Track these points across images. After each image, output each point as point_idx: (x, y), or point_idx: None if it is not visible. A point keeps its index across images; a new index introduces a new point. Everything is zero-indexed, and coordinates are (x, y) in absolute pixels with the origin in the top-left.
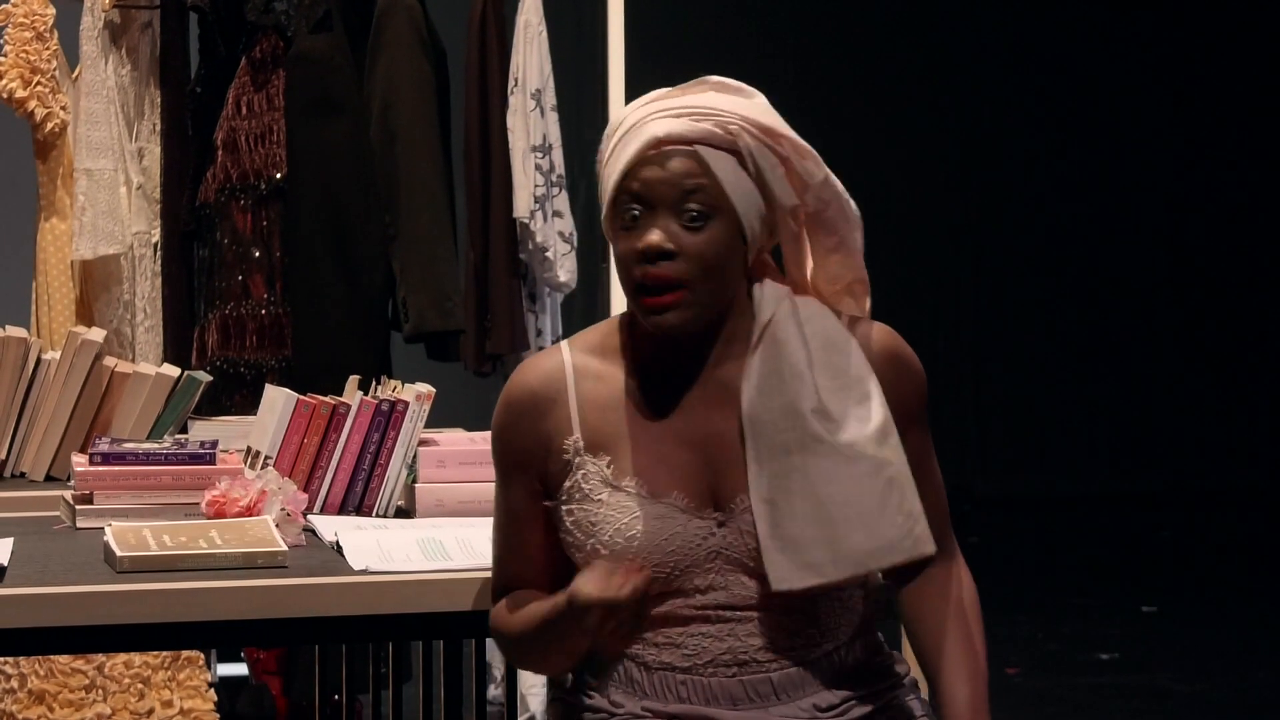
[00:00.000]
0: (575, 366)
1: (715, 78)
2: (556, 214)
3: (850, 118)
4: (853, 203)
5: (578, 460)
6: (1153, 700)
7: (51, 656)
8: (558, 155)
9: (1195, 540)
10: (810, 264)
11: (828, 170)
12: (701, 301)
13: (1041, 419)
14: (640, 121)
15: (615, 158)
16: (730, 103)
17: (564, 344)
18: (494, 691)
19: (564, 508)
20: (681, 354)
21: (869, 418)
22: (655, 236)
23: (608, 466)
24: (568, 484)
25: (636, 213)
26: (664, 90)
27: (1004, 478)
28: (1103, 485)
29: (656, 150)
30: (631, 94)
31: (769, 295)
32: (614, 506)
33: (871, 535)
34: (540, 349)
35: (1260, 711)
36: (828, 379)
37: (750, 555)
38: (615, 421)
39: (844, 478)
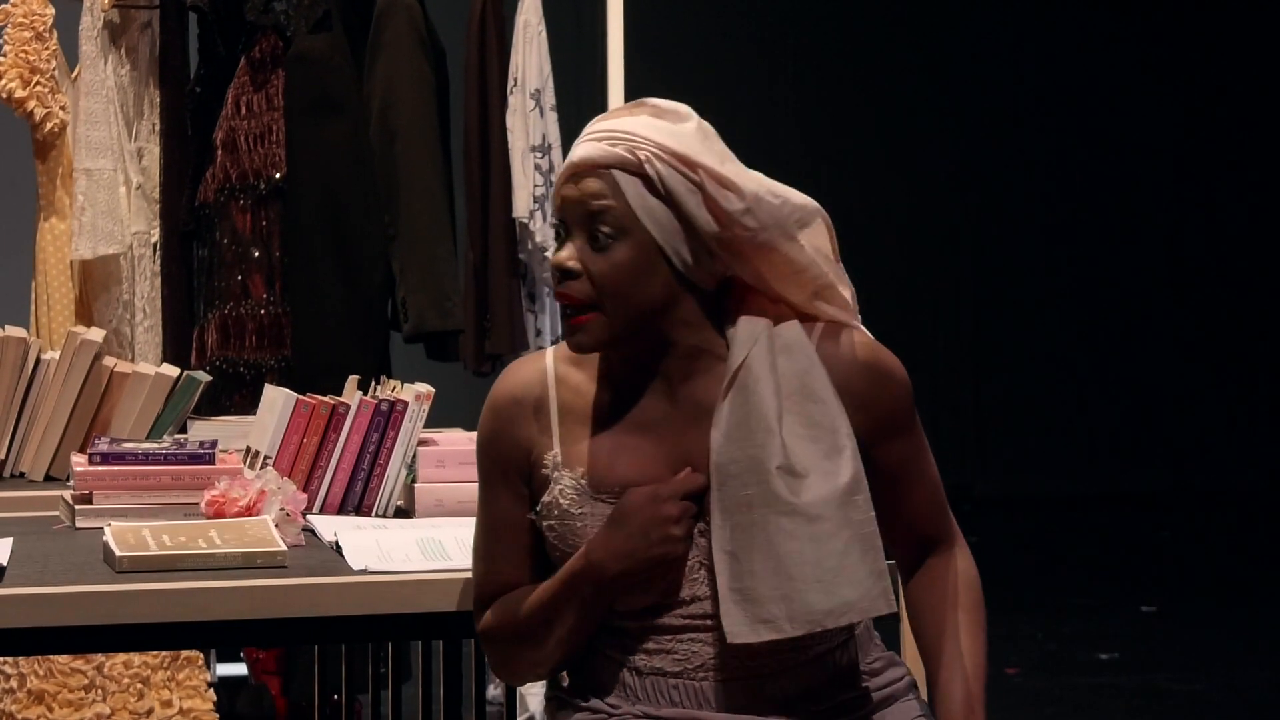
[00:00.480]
0: (557, 376)
1: (655, 101)
2: None
3: (850, 117)
4: (808, 210)
5: (556, 475)
6: (1152, 700)
7: (51, 656)
8: (557, 155)
9: (1195, 540)
10: (769, 279)
11: (758, 196)
12: (615, 320)
13: (1041, 419)
14: (574, 146)
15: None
16: (650, 127)
17: (549, 351)
18: (493, 691)
19: (545, 522)
20: (648, 370)
21: (838, 473)
22: (562, 255)
23: (583, 478)
24: (547, 498)
25: (561, 233)
26: (610, 111)
27: (1004, 478)
28: (1102, 485)
29: (574, 172)
30: (631, 93)
31: (743, 334)
32: (595, 518)
33: (829, 595)
34: (539, 349)
35: (1259, 711)
36: (800, 428)
37: None
38: (592, 432)
39: (804, 536)
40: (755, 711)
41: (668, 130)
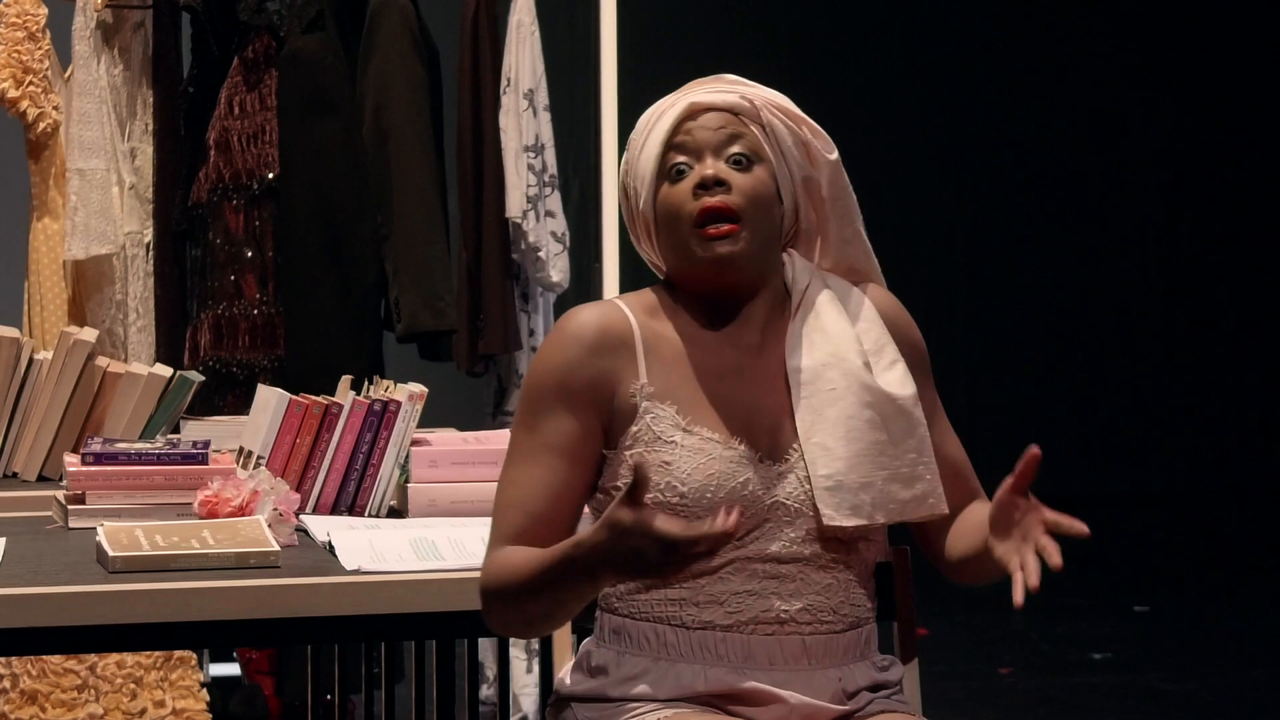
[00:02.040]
0: (636, 320)
1: (730, 75)
2: (549, 214)
3: (842, 116)
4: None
5: (645, 405)
6: (1145, 700)
7: (44, 656)
8: (550, 155)
9: (1187, 540)
10: (818, 249)
11: (840, 161)
12: (752, 236)
13: (1033, 420)
14: (672, 104)
15: (652, 136)
16: (752, 88)
17: (617, 300)
18: (486, 691)
19: (628, 451)
20: (728, 313)
21: (906, 382)
22: (710, 169)
23: (678, 413)
24: (634, 428)
25: (683, 164)
26: (693, 81)
27: (996, 478)
28: (1094, 486)
29: (692, 113)
30: (624, 93)
31: (800, 266)
32: (690, 448)
33: (908, 486)
34: (533, 349)
35: (1252, 711)
36: (870, 343)
37: (807, 503)
38: (678, 374)
39: (888, 429)
40: (793, 670)
41: (767, 91)
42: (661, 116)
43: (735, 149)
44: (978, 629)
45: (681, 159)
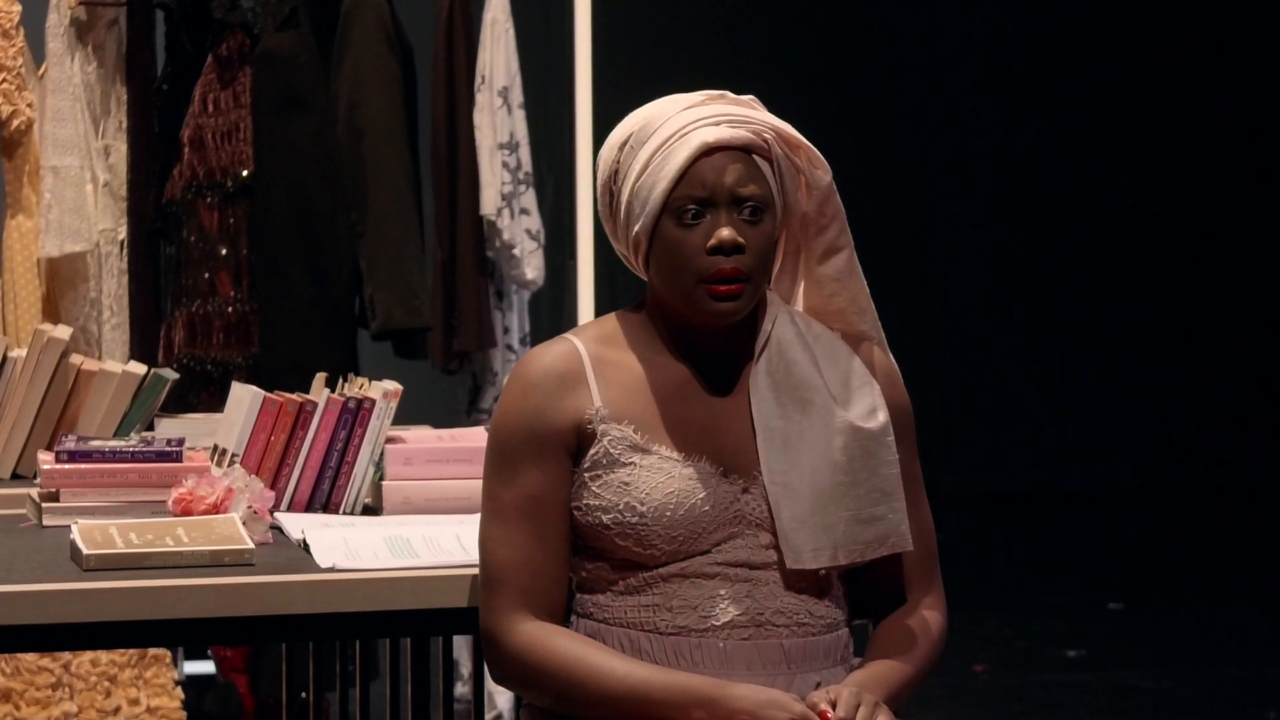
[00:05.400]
0: (588, 351)
1: (728, 93)
2: (524, 211)
3: (816, 114)
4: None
5: (602, 428)
6: (1119, 697)
7: (18, 654)
8: (525, 153)
9: (1162, 537)
10: (802, 281)
11: (833, 185)
12: (754, 292)
13: (1008, 416)
14: (682, 130)
15: (661, 164)
16: (758, 115)
17: (567, 335)
18: (461, 689)
19: (588, 474)
20: (694, 342)
21: (875, 415)
22: (728, 232)
23: (635, 432)
24: (593, 452)
25: (694, 211)
26: (682, 98)
27: (971, 475)
28: (1070, 483)
29: (708, 154)
30: (599, 91)
31: (768, 301)
32: (647, 467)
33: (868, 528)
34: (508, 347)
35: (1226, 708)
36: (835, 381)
37: (770, 518)
38: (635, 398)
39: (850, 470)
40: (772, 676)
41: (767, 116)
42: (674, 146)
43: (749, 200)
44: (952, 626)
45: (693, 205)
